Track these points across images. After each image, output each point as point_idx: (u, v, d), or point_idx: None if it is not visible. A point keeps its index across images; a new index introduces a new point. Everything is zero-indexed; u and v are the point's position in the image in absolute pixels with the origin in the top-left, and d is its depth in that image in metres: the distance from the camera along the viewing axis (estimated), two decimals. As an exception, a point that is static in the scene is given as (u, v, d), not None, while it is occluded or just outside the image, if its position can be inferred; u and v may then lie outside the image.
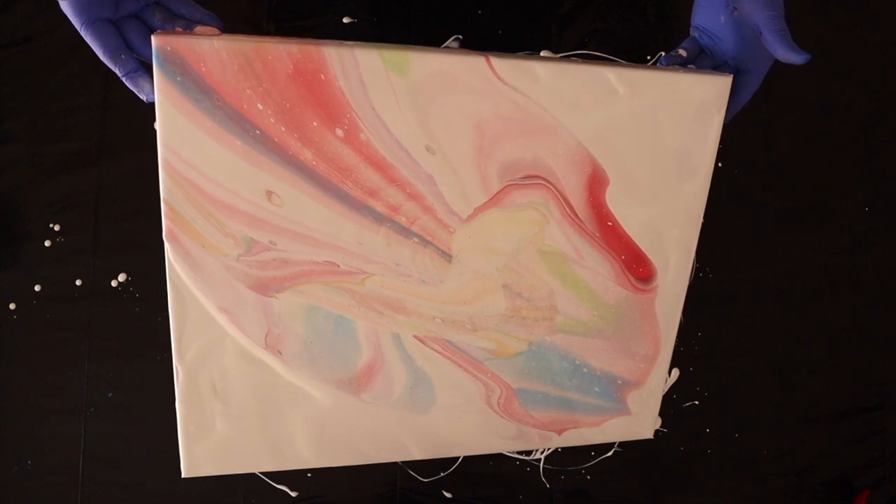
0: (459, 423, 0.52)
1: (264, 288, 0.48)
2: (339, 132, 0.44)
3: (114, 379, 0.66)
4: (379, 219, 0.46)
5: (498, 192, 0.47)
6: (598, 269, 0.50)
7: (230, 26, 0.61)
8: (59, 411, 0.66)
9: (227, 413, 0.50)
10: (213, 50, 0.41)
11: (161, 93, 0.42)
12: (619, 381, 0.53)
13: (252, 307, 0.48)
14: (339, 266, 0.47)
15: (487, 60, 0.44)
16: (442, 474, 0.66)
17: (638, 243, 0.50)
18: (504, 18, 0.64)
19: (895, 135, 0.66)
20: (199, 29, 0.44)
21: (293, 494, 0.66)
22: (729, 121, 0.50)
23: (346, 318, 0.49)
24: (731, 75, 0.48)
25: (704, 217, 0.51)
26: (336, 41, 0.43)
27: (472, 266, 0.49)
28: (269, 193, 0.45)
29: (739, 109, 0.51)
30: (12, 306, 0.66)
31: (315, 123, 0.44)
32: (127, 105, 0.65)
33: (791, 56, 0.46)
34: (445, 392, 0.51)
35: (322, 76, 0.43)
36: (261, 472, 0.66)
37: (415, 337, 0.50)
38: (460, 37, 0.64)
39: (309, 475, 0.66)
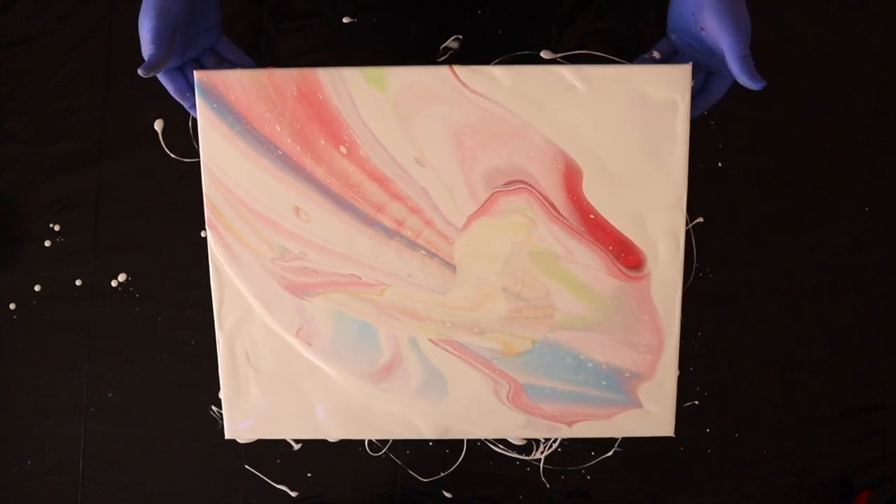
0: (469, 411, 0.55)
1: (297, 290, 0.54)
2: (343, 149, 0.51)
3: (114, 379, 0.66)
4: (389, 233, 0.52)
5: (486, 201, 0.52)
6: (588, 263, 0.52)
7: (231, 26, 0.61)
8: (59, 411, 0.67)
9: (259, 380, 0.55)
10: (236, 79, 0.50)
11: (202, 115, 0.51)
12: (627, 374, 0.54)
13: (286, 304, 0.54)
14: (361, 279, 0.53)
15: (451, 69, 0.50)
16: (442, 474, 0.66)
17: (622, 231, 0.52)
18: (504, 18, 0.64)
19: (895, 135, 0.66)
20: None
21: (293, 494, 0.66)
22: (697, 115, 0.52)
23: (369, 324, 0.54)
24: (690, 64, 0.50)
25: (704, 217, 0.51)
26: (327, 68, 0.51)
27: (474, 274, 0.53)
28: (298, 210, 0.52)
29: (711, 105, 0.53)
30: (12, 306, 0.66)
31: (322, 142, 0.51)
32: (127, 105, 0.65)
33: (749, 83, 0.47)
34: (456, 386, 0.55)
35: (320, 96, 0.50)
36: (261, 473, 0.66)
37: (429, 340, 0.54)
38: (460, 37, 0.64)
39: (309, 475, 0.66)
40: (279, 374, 0.55)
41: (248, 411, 0.55)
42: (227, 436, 0.56)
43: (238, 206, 0.53)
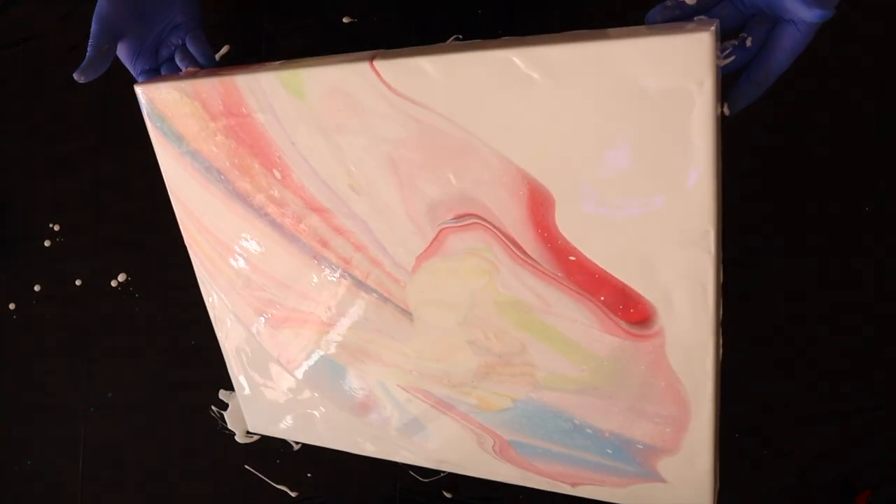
0: (458, 455, 0.49)
1: (269, 320, 0.50)
2: (277, 174, 0.43)
3: (114, 379, 0.66)
4: (339, 272, 0.45)
5: (434, 240, 0.41)
6: (572, 317, 0.40)
7: (231, 27, 0.61)
8: (59, 411, 0.67)
9: (262, 384, 0.54)
10: (166, 91, 0.44)
11: (152, 135, 0.47)
12: (640, 446, 0.42)
13: (263, 331, 0.51)
14: (321, 318, 0.48)
15: (371, 64, 0.38)
16: (442, 474, 0.66)
17: (619, 277, 0.38)
18: (504, 18, 0.64)
19: (894, 135, 0.66)
20: (185, 71, 0.49)
21: (293, 494, 0.66)
22: (756, 96, 0.37)
23: (338, 363, 0.49)
24: (712, 28, 0.32)
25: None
26: (248, 67, 0.43)
27: (433, 323, 0.44)
28: (249, 239, 0.47)
29: (777, 75, 0.37)
30: (12, 306, 0.66)
31: (256, 165, 0.44)
32: (127, 105, 0.65)
33: (804, 11, 0.33)
34: (437, 433, 0.48)
35: (244, 109, 0.42)
36: (261, 473, 0.66)
37: (399, 386, 0.47)
38: (460, 36, 0.64)
39: (309, 475, 0.66)
40: (277, 382, 0.53)
41: (258, 412, 0.55)
42: (251, 428, 0.58)
43: (203, 231, 0.48)
